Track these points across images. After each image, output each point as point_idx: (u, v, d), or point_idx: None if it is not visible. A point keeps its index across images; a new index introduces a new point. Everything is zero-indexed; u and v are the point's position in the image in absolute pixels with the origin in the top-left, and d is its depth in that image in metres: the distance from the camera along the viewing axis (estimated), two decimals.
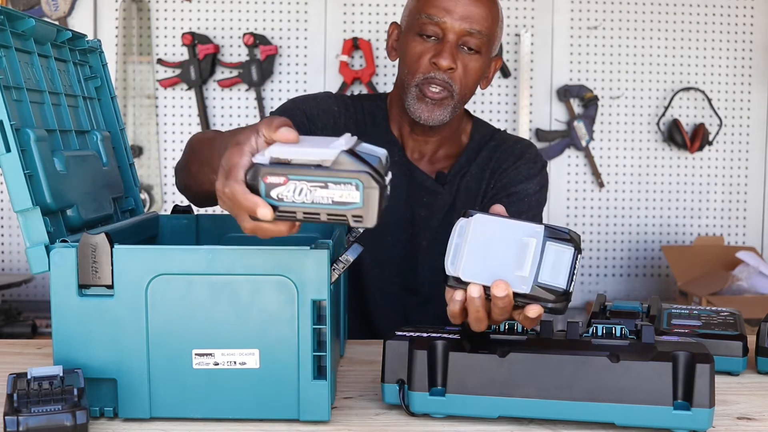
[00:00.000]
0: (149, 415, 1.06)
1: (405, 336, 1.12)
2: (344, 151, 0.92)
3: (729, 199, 3.58)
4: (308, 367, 1.04)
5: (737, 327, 1.35)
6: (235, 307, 1.04)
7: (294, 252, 1.04)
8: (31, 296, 3.42)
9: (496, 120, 3.45)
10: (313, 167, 0.91)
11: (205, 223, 1.49)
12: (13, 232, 3.44)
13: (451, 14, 1.57)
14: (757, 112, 3.56)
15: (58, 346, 1.06)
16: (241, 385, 1.05)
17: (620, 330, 1.10)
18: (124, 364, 1.06)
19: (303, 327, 1.04)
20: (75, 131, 1.29)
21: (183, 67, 3.42)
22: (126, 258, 1.04)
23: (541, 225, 1.04)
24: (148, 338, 1.05)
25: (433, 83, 1.59)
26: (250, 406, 1.06)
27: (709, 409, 1.02)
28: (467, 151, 1.73)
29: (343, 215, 0.92)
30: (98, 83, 1.44)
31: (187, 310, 1.05)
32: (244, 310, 1.04)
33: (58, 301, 1.05)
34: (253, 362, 1.05)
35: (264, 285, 1.04)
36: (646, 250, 3.55)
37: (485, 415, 1.06)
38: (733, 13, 3.51)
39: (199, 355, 1.06)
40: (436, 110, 1.61)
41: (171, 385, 1.06)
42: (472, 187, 1.70)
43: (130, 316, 1.05)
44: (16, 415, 0.95)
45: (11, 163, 1.06)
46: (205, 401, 1.06)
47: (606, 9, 3.48)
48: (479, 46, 1.59)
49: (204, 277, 1.04)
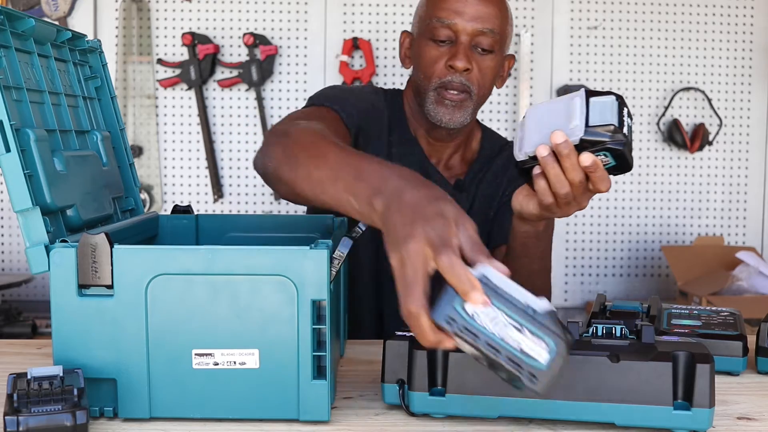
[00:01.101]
0: (149, 415, 1.06)
1: (405, 336, 1.12)
2: (552, 310, 0.90)
3: (729, 199, 3.58)
4: (308, 367, 1.04)
5: (737, 327, 1.35)
6: (234, 307, 1.04)
7: (293, 252, 1.03)
8: (31, 296, 3.41)
9: (496, 120, 3.45)
10: (520, 307, 0.89)
11: (204, 223, 1.49)
12: (13, 232, 3.44)
13: (462, 16, 1.58)
14: (757, 112, 3.56)
15: (58, 345, 1.06)
16: (241, 385, 1.05)
17: (620, 330, 1.10)
18: (123, 364, 1.05)
19: (303, 327, 1.04)
20: (75, 131, 1.29)
21: (183, 67, 3.42)
22: (126, 258, 1.04)
23: (582, 88, 1.14)
24: (148, 338, 1.05)
25: (451, 86, 1.60)
26: (249, 406, 1.06)
27: (709, 410, 1.02)
28: (480, 158, 1.74)
29: (521, 367, 0.89)
30: (98, 83, 1.44)
31: (187, 310, 1.04)
32: (244, 310, 1.04)
33: (58, 301, 1.05)
34: (253, 362, 1.05)
35: (264, 285, 1.03)
36: (646, 250, 3.55)
37: (485, 415, 1.06)
38: (733, 13, 3.51)
39: (198, 355, 1.05)
40: (457, 112, 1.61)
41: (171, 385, 1.06)
42: (488, 194, 1.72)
43: (129, 316, 1.04)
44: (16, 415, 0.95)
45: (11, 163, 1.06)
46: (205, 401, 1.06)
47: (606, 9, 3.48)
48: (492, 45, 1.60)
49: (204, 277, 1.04)
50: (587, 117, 1.11)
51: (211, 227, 1.49)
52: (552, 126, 1.14)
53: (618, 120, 1.11)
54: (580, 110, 1.12)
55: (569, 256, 3.53)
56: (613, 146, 1.11)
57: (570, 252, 3.53)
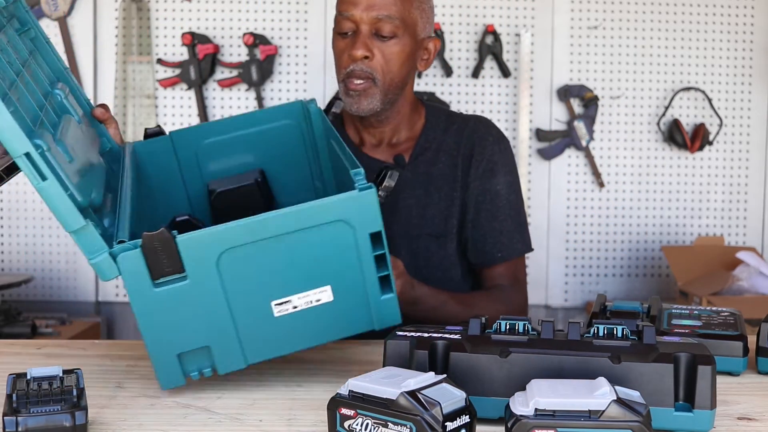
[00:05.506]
0: (245, 365, 1.19)
1: (406, 336, 1.12)
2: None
3: (729, 199, 3.57)
4: (375, 287, 1.18)
5: (737, 327, 1.35)
6: (301, 257, 1.15)
7: (345, 199, 1.14)
8: (31, 296, 3.41)
9: (496, 120, 3.44)
10: (584, 417, 0.92)
11: (179, 139, 1.52)
12: (12, 232, 3.44)
13: (358, 6, 1.64)
14: (757, 112, 3.55)
15: (146, 333, 1.14)
16: (321, 317, 1.17)
17: (622, 330, 1.10)
18: (213, 331, 1.16)
19: (365, 257, 1.16)
20: (48, 104, 1.24)
21: (183, 67, 3.41)
22: (190, 244, 1.11)
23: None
24: (229, 304, 1.15)
25: (354, 75, 1.65)
26: (330, 331, 1.20)
27: (711, 411, 1.02)
28: (424, 133, 1.78)
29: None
30: (32, 34, 1.38)
31: (259, 270, 1.14)
32: (310, 257, 1.15)
33: (136, 296, 1.13)
34: (327, 297, 1.17)
35: (324, 232, 1.14)
36: (647, 250, 3.55)
37: (485, 415, 1.06)
38: (734, 13, 3.50)
39: (278, 305, 1.17)
40: (363, 100, 1.66)
41: (258, 336, 1.17)
42: (445, 173, 1.75)
43: (207, 291, 1.14)
44: (15, 415, 0.95)
45: (51, 189, 1.06)
46: (291, 339, 1.19)
47: (606, 9, 3.48)
48: (393, 30, 1.65)
49: (266, 240, 1.12)
50: None
51: (186, 141, 1.52)
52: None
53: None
54: None
55: (569, 256, 3.53)
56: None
57: (570, 252, 3.53)
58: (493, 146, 1.77)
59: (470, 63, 3.45)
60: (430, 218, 1.73)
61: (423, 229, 1.73)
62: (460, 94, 3.45)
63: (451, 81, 3.45)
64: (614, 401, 0.92)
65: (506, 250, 1.75)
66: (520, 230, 1.78)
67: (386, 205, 1.25)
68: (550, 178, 3.49)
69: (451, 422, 0.94)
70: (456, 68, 3.44)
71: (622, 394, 0.95)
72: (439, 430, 0.93)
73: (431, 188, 1.75)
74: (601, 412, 0.91)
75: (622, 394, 0.95)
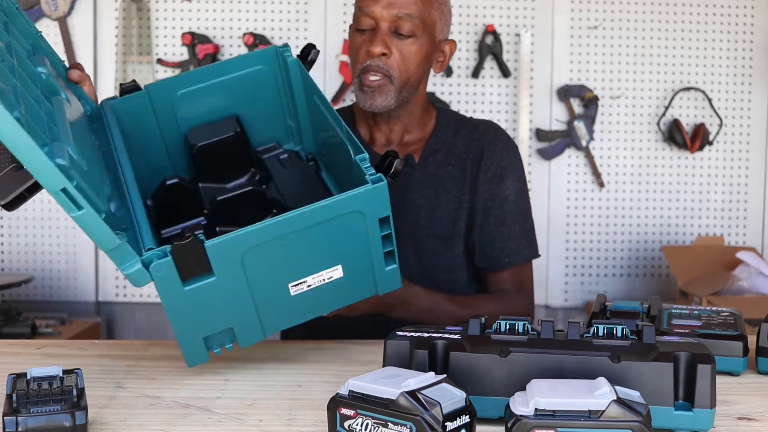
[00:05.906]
0: (263, 337, 1.30)
1: (406, 336, 1.12)
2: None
3: (729, 199, 3.58)
4: (381, 261, 1.29)
5: (737, 327, 1.35)
6: (317, 244, 1.24)
7: (361, 194, 1.22)
8: (31, 296, 3.41)
9: (496, 120, 3.44)
10: (584, 417, 0.93)
11: (155, 91, 1.51)
12: (12, 232, 3.44)
13: (378, 3, 1.64)
14: (757, 112, 3.55)
15: (175, 322, 1.24)
16: (331, 291, 1.28)
17: (621, 330, 1.10)
18: (236, 316, 1.26)
19: (373, 239, 1.26)
20: (40, 90, 1.22)
21: (183, 67, 3.41)
22: (218, 249, 1.19)
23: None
24: (252, 292, 1.24)
25: (370, 71, 1.66)
26: (339, 301, 1.32)
27: (711, 410, 1.02)
28: (435, 134, 1.79)
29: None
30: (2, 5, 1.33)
31: (279, 260, 1.23)
32: (326, 243, 1.24)
33: (168, 297, 1.20)
34: (338, 274, 1.27)
35: (339, 222, 1.22)
36: (646, 250, 3.55)
37: (485, 415, 1.06)
38: (734, 13, 3.50)
39: (294, 286, 1.26)
40: (377, 97, 1.67)
41: (276, 313, 1.28)
42: (454, 176, 1.76)
43: (232, 285, 1.22)
44: (15, 415, 0.95)
45: (86, 218, 1.10)
46: (303, 311, 1.30)
47: (606, 9, 3.48)
48: (412, 30, 1.65)
49: (287, 235, 1.21)
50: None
51: (162, 93, 1.52)
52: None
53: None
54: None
55: (569, 256, 3.53)
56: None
57: (570, 252, 3.53)
58: (503, 152, 1.78)
59: (470, 63, 3.45)
60: (438, 220, 1.73)
61: (431, 230, 1.73)
62: (460, 94, 3.45)
63: (451, 81, 3.45)
64: (614, 401, 0.92)
65: (513, 255, 1.75)
66: (528, 236, 1.78)
67: (394, 205, 1.27)
68: (550, 178, 3.49)
69: (451, 422, 0.95)
70: (456, 68, 3.45)
71: (622, 394, 0.95)
72: (439, 430, 0.93)
73: (440, 190, 1.75)
74: (601, 412, 0.91)
75: (622, 394, 0.95)
